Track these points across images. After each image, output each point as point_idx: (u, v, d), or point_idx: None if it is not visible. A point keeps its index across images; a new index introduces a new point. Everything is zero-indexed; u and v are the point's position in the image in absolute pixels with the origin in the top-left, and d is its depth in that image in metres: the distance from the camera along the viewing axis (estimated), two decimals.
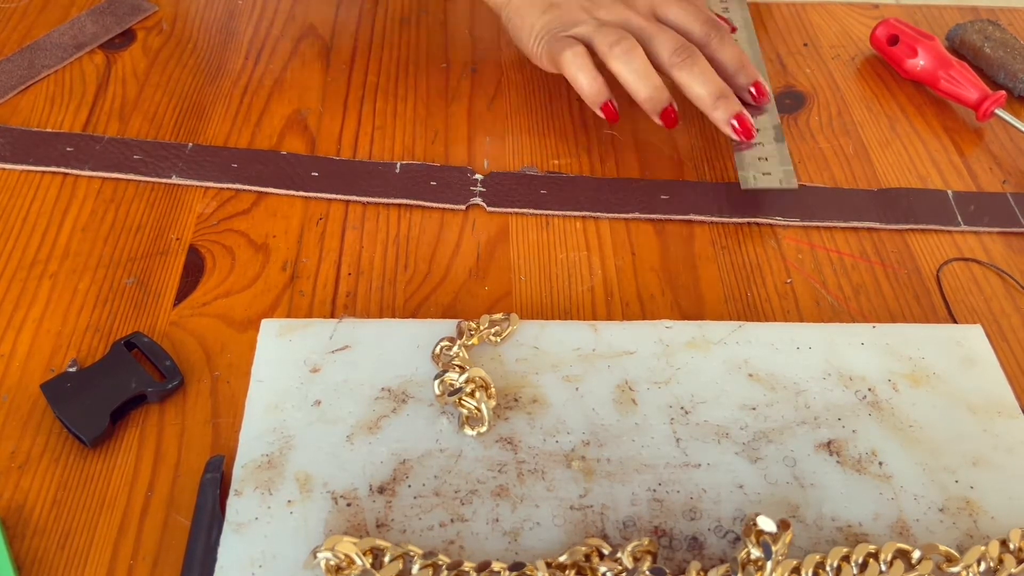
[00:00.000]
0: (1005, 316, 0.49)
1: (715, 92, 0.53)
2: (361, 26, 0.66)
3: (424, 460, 0.40)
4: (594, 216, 0.53)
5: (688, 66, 0.53)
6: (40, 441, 0.41)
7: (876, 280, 0.51)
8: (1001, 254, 0.53)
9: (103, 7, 0.65)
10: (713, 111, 0.53)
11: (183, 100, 0.59)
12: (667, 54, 0.54)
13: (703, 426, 0.42)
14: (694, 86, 0.53)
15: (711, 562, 0.38)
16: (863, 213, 0.54)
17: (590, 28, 0.54)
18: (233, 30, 0.65)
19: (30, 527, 0.38)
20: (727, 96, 0.53)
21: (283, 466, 0.39)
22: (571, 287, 0.49)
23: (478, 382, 0.42)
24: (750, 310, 0.49)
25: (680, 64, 0.53)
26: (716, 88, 0.53)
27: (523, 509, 0.39)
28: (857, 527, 0.39)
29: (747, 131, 0.53)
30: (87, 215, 0.51)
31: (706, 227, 0.53)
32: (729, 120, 0.53)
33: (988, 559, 0.37)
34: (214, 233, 0.51)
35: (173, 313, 0.46)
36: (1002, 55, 0.64)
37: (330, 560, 0.36)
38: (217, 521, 0.37)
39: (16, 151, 0.54)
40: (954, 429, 0.42)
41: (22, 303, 0.46)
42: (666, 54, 0.54)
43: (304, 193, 0.53)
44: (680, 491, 0.40)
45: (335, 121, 0.58)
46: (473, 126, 0.59)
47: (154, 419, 0.42)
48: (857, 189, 0.56)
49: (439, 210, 0.53)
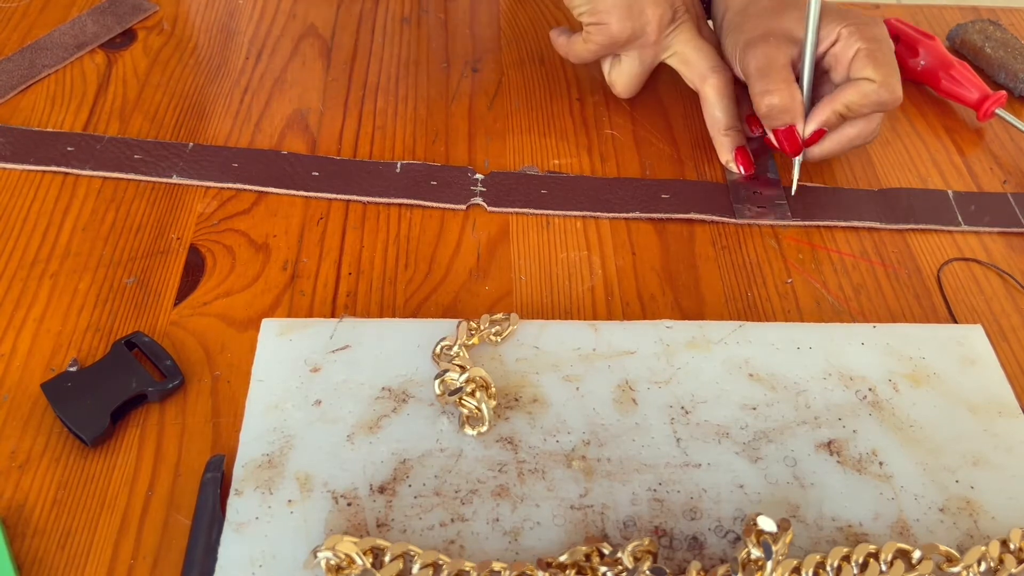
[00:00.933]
0: (1005, 316, 0.49)
1: (730, 123, 0.56)
2: (362, 26, 0.66)
3: (424, 460, 0.40)
4: (594, 216, 0.53)
5: (721, 87, 0.56)
6: (40, 441, 0.41)
7: (876, 280, 0.51)
8: (1001, 254, 0.53)
9: (104, 7, 0.65)
10: (723, 137, 0.56)
11: (184, 100, 0.59)
12: (707, 67, 0.56)
13: (703, 426, 0.42)
14: (716, 109, 0.56)
15: (711, 562, 0.38)
16: (863, 213, 0.54)
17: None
18: (234, 30, 0.65)
19: (30, 527, 0.38)
20: (737, 129, 0.57)
21: (283, 466, 0.39)
22: (571, 287, 0.49)
23: (478, 382, 0.42)
24: (750, 310, 0.49)
25: (716, 82, 0.56)
26: (733, 119, 0.56)
27: (523, 509, 0.39)
28: (857, 527, 0.39)
29: (748, 165, 0.56)
30: (88, 215, 0.51)
31: (706, 227, 0.53)
32: (732, 150, 0.56)
33: (988, 559, 0.37)
34: (214, 233, 0.51)
35: (173, 313, 0.46)
36: (1003, 55, 0.64)
37: (330, 560, 0.36)
38: (217, 521, 0.37)
39: (17, 151, 0.54)
40: (954, 429, 0.42)
41: (23, 303, 0.46)
42: (706, 66, 0.56)
43: (304, 193, 0.53)
44: (680, 491, 0.40)
45: (335, 121, 0.58)
46: (473, 126, 0.59)
47: (154, 419, 0.42)
48: (857, 189, 0.56)
49: (439, 210, 0.53)
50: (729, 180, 0.56)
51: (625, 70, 0.58)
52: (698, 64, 0.56)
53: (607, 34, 0.55)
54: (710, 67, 0.56)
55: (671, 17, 0.56)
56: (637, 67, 0.58)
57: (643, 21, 0.55)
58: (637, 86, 0.59)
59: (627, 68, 0.58)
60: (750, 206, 0.54)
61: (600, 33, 0.56)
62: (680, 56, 0.57)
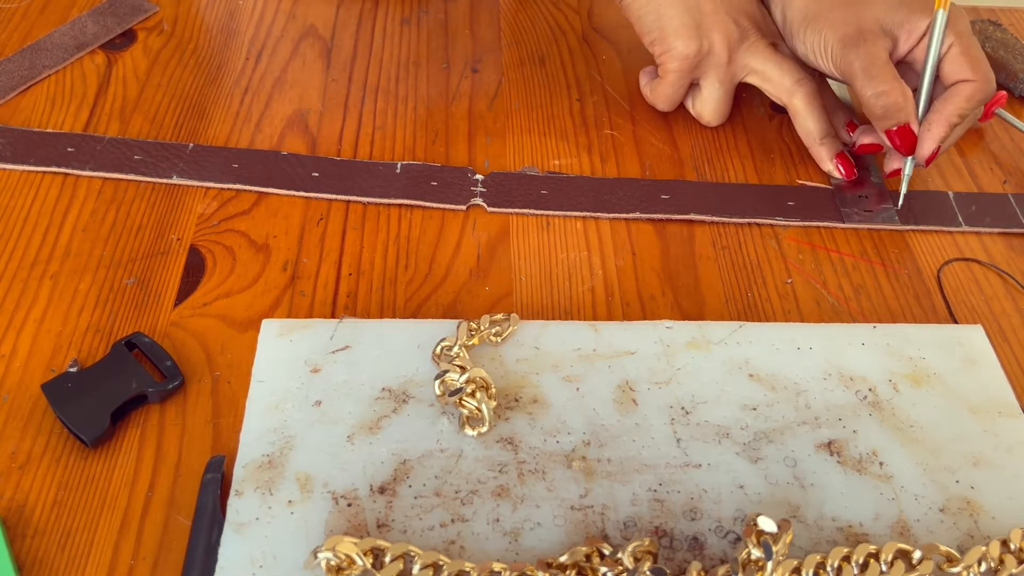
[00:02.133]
0: (1005, 316, 0.49)
1: (824, 131, 0.56)
2: (361, 26, 0.66)
3: (425, 460, 0.40)
4: (594, 216, 0.53)
5: (810, 98, 0.55)
6: (41, 441, 0.41)
7: (876, 280, 0.51)
8: (1002, 254, 0.53)
9: (104, 7, 0.65)
10: (819, 147, 0.56)
11: (184, 100, 0.59)
12: (791, 82, 0.55)
13: (704, 426, 0.42)
14: (808, 120, 0.56)
15: (712, 562, 0.38)
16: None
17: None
18: (234, 30, 0.65)
19: (31, 527, 0.38)
20: (833, 136, 0.56)
21: (284, 466, 0.39)
22: (571, 287, 0.49)
23: (479, 382, 0.42)
24: (751, 310, 0.49)
25: (804, 94, 0.55)
26: (826, 127, 0.56)
27: (524, 509, 0.39)
28: (858, 527, 0.39)
29: (849, 171, 0.56)
30: (88, 215, 0.51)
31: (706, 227, 0.53)
32: (832, 158, 0.56)
33: (989, 559, 0.37)
34: (215, 233, 0.51)
35: (174, 313, 0.46)
36: (1002, 55, 0.64)
37: (331, 560, 0.36)
38: (218, 521, 0.37)
39: (17, 151, 0.54)
40: (955, 429, 0.42)
41: (23, 303, 0.46)
42: (790, 81, 0.55)
43: (305, 193, 0.53)
44: (681, 491, 0.40)
45: (336, 121, 0.58)
46: (473, 126, 0.59)
47: (155, 419, 0.42)
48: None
49: (440, 210, 0.53)
50: (834, 184, 0.56)
51: (707, 97, 0.58)
52: (781, 80, 0.55)
53: (677, 58, 0.55)
54: (794, 80, 0.55)
55: (739, 35, 0.55)
56: (718, 91, 0.57)
57: (710, 40, 0.55)
58: (725, 111, 0.58)
59: (708, 95, 0.57)
60: (857, 210, 0.54)
61: (671, 59, 0.55)
62: (760, 74, 0.56)
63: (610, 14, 0.69)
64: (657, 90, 0.58)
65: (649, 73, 0.60)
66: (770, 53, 0.56)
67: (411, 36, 0.65)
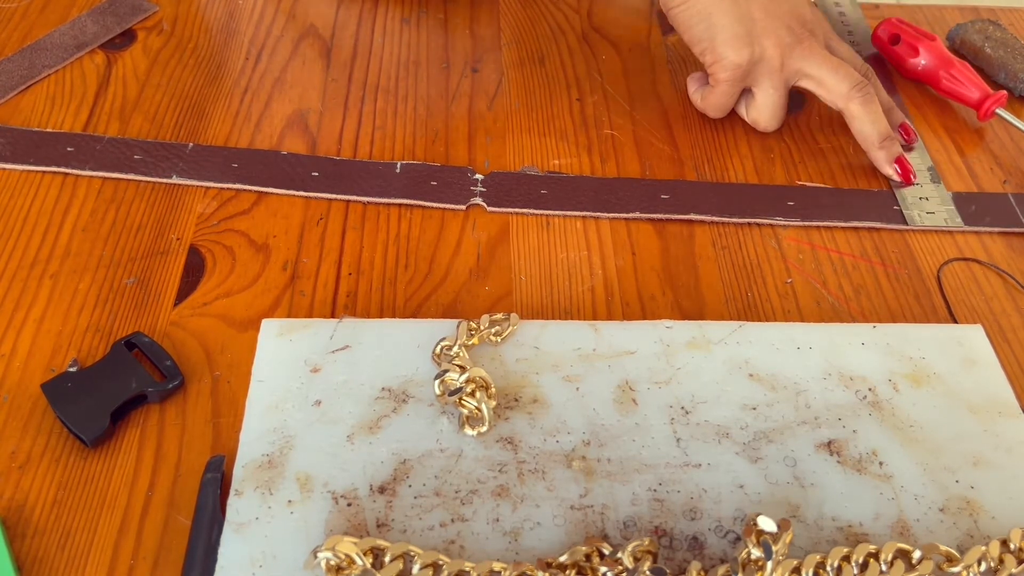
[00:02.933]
0: (1005, 316, 0.49)
1: (883, 133, 0.55)
2: (361, 26, 0.66)
3: (424, 460, 0.40)
4: (594, 216, 0.53)
5: (867, 102, 0.55)
6: (40, 441, 0.41)
7: (876, 280, 0.51)
8: (1002, 254, 0.53)
9: (104, 7, 0.65)
10: (878, 151, 0.56)
11: (183, 100, 0.59)
12: (847, 87, 0.55)
13: (703, 426, 0.42)
14: (866, 124, 0.55)
15: (711, 562, 0.38)
16: (863, 213, 0.54)
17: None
18: (233, 30, 0.65)
19: (30, 527, 0.38)
20: (892, 138, 0.56)
21: (283, 466, 0.39)
22: (571, 287, 0.49)
23: (478, 382, 0.42)
24: (750, 310, 0.49)
25: (860, 99, 0.55)
26: (884, 129, 0.56)
27: (523, 509, 0.39)
28: (857, 527, 0.39)
29: (907, 175, 0.56)
30: (87, 215, 0.51)
31: (706, 227, 0.53)
32: (891, 162, 0.56)
33: (989, 559, 0.37)
34: (214, 233, 0.51)
35: (173, 313, 0.46)
36: (1003, 55, 0.64)
37: (330, 560, 0.36)
38: (217, 521, 0.37)
39: (17, 151, 0.54)
40: (954, 429, 0.42)
41: (23, 303, 0.46)
42: (846, 86, 0.55)
43: (304, 193, 0.53)
44: (680, 491, 0.40)
45: (335, 121, 0.58)
46: (473, 126, 0.59)
47: (154, 419, 0.42)
48: (857, 189, 0.56)
49: (439, 210, 0.53)
50: (894, 186, 0.56)
51: (761, 104, 0.57)
52: (837, 86, 0.55)
53: (728, 67, 0.55)
54: (851, 85, 0.55)
55: (791, 40, 0.55)
56: (772, 97, 0.56)
57: (761, 47, 0.54)
58: (781, 116, 0.58)
59: (762, 101, 0.57)
60: (919, 212, 0.54)
61: (722, 69, 0.55)
62: (814, 79, 0.56)
63: (610, 14, 0.69)
64: (708, 98, 0.58)
65: (697, 80, 0.60)
66: (823, 58, 0.55)
67: (411, 36, 0.65)
